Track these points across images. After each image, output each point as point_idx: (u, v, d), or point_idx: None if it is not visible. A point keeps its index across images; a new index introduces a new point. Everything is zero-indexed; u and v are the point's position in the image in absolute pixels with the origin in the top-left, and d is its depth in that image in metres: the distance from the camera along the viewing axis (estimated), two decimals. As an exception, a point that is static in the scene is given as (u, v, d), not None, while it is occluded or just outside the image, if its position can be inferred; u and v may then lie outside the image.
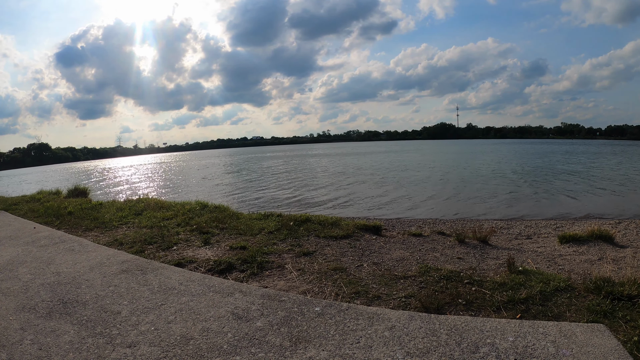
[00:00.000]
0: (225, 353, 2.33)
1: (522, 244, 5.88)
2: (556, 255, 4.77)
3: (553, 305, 2.92)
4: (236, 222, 5.96)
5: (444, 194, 14.67)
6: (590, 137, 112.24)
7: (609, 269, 3.80)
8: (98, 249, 4.65)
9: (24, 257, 4.39)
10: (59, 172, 48.15)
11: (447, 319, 2.64)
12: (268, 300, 3.04)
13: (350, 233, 5.26)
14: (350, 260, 4.23)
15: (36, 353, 2.38)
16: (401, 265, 4.04)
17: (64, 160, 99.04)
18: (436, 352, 2.24)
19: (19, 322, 2.80)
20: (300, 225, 5.61)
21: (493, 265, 4.08)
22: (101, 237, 5.46)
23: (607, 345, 2.21)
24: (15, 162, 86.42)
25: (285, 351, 2.32)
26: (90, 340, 2.52)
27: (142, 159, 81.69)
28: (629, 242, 5.74)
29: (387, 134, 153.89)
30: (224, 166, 38.82)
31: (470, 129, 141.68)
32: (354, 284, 3.52)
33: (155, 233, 5.43)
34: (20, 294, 3.31)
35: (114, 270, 3.82)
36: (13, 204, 8.93)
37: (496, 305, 2.98)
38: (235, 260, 4.19)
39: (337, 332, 2.51)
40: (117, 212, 7.08)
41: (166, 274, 3.69)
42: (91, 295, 3.23)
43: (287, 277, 3.80)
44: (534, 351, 2.19)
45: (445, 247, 4.87)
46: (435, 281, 3.51)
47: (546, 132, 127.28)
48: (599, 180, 17.09)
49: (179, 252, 4.64)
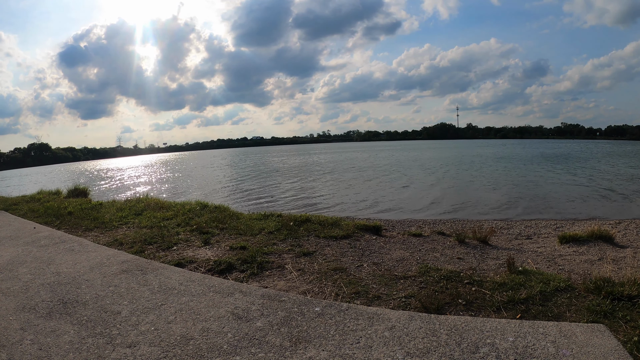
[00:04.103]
0: (225, 353, 2.33)
1: (522, 244, 5.88)
2: (556, 255, 4.76)
3: (553, 306, 2.92)
4: (236, 222, 5.96)
5: (445, 193, 14.67)
6: (590, 137, 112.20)
7: (609, 269, 3.80)
8: (98, 249, 4.64)
9: (24, 257, 4.39)
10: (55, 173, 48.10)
11: (447, 319, 2.64)
12: (268, 300, 3.04)
13: (350, 233, 5.26)
14: (350, 260, 4.23)
15: (36, 353, 2.38)
16: (401, 266, 4.04)
17: (64, 160, 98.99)
18: (436, 352, 2.24)
19: (19, 322, 2.80)
20: (300, 225, 5.61)
21: (493, 266, 4.08)
22: (101, 237, 5.46)
23: (607, 346, 2.21)
24: (15, 162, 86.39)
25: (285, 351, 2.32)
26: (90, 340, 2.52)
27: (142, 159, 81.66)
28: (629, 242, 5.74)
29: (387, 134, 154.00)
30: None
31: (470, 129, 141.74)
32: (354, 284, 3.52)
33: (155, 233, 5.43)
34: (20, 294, 3.31)
35: (114, 271, 3.82)
36: (13, 204, 8.92)
37: (496, 306, 2.98)
38: (235, 260, 4.19)
39: (337, 332, 2.51)
40: (117, 212, 7.08)
41: (166, 274, 3.69)
42: (91, 296, 3.23)
43: (287, 277, 3.80)
44: (534, 351, 2.19)
45: (445, 247, 4.87)
46: (435, 281, 3.51)
47: (546, 132, 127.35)
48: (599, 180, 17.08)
49: (179, 252, 4.64)
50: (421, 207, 12.05)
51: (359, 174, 23.67)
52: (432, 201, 13.12)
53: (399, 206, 12.38)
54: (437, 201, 13.09)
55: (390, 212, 11.31)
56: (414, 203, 12.90)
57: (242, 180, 23.39)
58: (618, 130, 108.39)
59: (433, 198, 13.72)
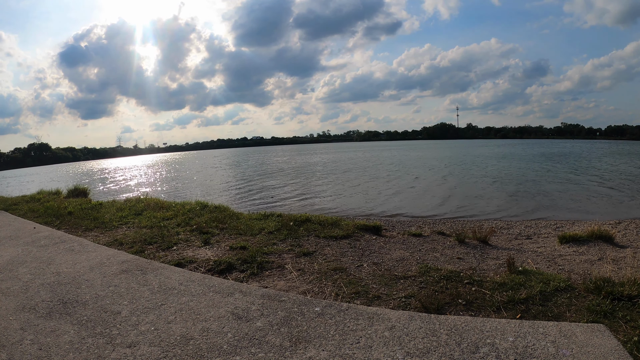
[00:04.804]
0: (225, 353, 2.33)
1: (522, 244, 5.88)
2: (556, 255, 4.76)
3: (553, 306, 2.92)
4: (236, 222, 5.96)
5: (445, 193, 14.67)
6: (590, 137, 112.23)
7: (609, 269, 3.80)
8: (98, 249, 4.64)
9: (24, 257, 4.39)
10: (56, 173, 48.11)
11: (447, 319, 2.64)
12: (268, 300, 3.04)
13: (350, 233, 5.26)
14: (350, 260, 4.23)
15: (36, 353, 2.38)
16: (401, 266, 4.04)
17: (64, 160, 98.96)
18: (436, 352, 2.24)
19: (19, 322, 2.80)
20: (300, 225, 5.62)
21: (493, 266, 4.08)
22: (101, 237, 5.46)
23: (607, 346, 2.21)
24: (15, 162, 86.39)
25: (285, 351, 2.32)
26: (90, 340, 2.51)
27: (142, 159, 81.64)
28: (629, 242, 5.73)
29: (387, 134, 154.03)
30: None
31: (470, 129, 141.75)
32: (354, 284, 3.52)
33: (155, 233, 5.43)
34: (20, 294, 3.31)
35: (114, 271, 3.81)
36: (13, 204, 8.92)
37: (496, 306, 2.97)
38: (235, 260, 4.19)
39: (337, 332, 2.51)
40: (117, 212, 7.08)
41: (166, 274, 3.69)
42: (91, 295, 3.23)
43: (287, 277, 3.80)
44: (534, 351, 2.19)
45: (445, 247, 4.87)
46: (435, 281, 3.51)
47: (546, 132, 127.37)
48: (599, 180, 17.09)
49: (179, 252, 4.64)
50: (421, 207, 12.05)
51: (360, 174, 23.67)
52: (432, 201, 13.11)
53: (399, 206, 12.38)
54: (437, 201, 13.09)
55: (390, 212, 11.31)
56: (414, 203, 12.90)
57: (242, 180, 23.39)
58: (618, 130, 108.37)
59: (433, 198, 13.72)
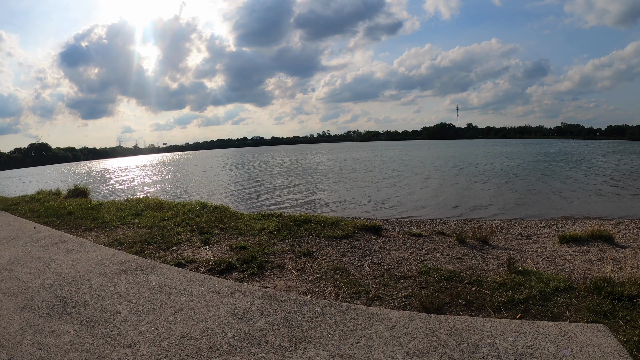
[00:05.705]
0: (225, 353, 2.33)
1: (522, 244, 5.88)
2: (556, 255, 4.76)
3: (553, 306, 2.92)
4: (236, 222, 5.96)
5: (444, 193, 14.67)
6: (590, 137, 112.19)
7: (609, 269, 3.80)
8: (98, 249, 4.65)
9: (24, 257, 4.39)
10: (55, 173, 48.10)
11: (447, 319, 2.64)
12: (268, 300, 3.04)
13: (350, 233, 5.26)
14: (350, 260, 4.23)
15: (36, 353, 2.38)
16: (401, 266, 4.04)
17: (64, 160, 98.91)
18: (436, 352, 2.24)
19: (19, 322, 2.80)
20: (300, 225, 5.61)
21: (493, 266, 4.08)
22: (101, 237, 5.46)
23: (607, 346, 2.21)
24: (15, 162, 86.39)
25: (285, 351, 2.32)
26: (90, 340, 2.52)
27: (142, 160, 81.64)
28: (629, 242, 5.73)
29: (387, 134, 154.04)
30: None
31: (470, 129, 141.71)
32: (354, 284, 3.52)
33: (155, 233, 5.43)
34: (20, 294, 3.31)
35: (114, 271, 3.82)
36: (13, 204, 8.92)
37: (496, 306, 2.97)
38: (235, 260, 4.19)
39: (337, 332, 2.51)
40: (117, 212, 7.08)
41: (166, 274, 3.69)
42: (91, 296, 3.23)
43: (287, 277, 3.80)
44: (534, 351, 2.19)
45: (445, 247, 4.87)
46: (435, 281, 3.51)
47: (546, 132, 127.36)
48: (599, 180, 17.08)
49: (179, 252, 4.64)
50: (421, 207, 12.05)
51: (360, 174, 23.67)
52: (432, 201, 13.12)
53: (399, 206, 12.38)
54: (437, 201, 13.09)
55: (390, 212, 11.31)
56: (414, 203, 12.90)
57: (243, 180, 23.39)
58: (618, 130, 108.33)
59: (433, 198, 13.72)
